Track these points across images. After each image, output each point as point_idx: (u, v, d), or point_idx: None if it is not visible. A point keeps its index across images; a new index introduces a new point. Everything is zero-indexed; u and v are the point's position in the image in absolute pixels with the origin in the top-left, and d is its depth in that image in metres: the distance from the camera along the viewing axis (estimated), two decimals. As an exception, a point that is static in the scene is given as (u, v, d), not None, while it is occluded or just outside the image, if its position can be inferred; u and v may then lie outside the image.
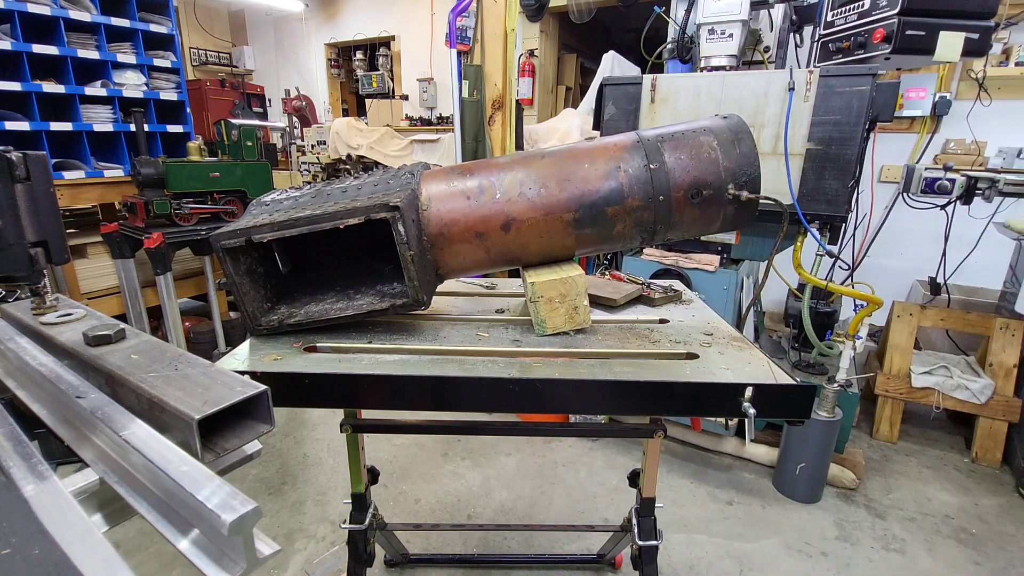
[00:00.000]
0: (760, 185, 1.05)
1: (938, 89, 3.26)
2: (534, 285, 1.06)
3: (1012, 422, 2.54)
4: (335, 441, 2.71)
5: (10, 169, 0.76)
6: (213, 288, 3.40)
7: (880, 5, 1.99)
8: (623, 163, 1.04)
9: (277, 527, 2.12)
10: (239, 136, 3.37)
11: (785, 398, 0.88)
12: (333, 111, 6.65)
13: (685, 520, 2.19)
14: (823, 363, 2.69)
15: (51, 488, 0.48)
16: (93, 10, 3.06)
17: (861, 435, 2.84)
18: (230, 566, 0.46)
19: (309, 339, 1.05)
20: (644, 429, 1.33)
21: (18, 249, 0.79)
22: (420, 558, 1.96)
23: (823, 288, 2.25)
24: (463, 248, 1.06)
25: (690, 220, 1.08)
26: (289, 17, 6.60)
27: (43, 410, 0.66)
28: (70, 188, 3.08)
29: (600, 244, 1.10)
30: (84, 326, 0.78)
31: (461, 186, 1.06)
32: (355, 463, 1.42)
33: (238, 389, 0.60)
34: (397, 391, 0.91)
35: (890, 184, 3.50)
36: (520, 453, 2.64)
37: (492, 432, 1.39)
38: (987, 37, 1.96)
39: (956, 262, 3.10)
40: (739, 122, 1.09)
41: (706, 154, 1.03)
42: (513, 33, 3.80)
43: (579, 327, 1.10)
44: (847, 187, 2.02)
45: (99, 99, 3.19)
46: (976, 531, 2.16)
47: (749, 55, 2.52)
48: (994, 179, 2.18)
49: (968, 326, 2.68)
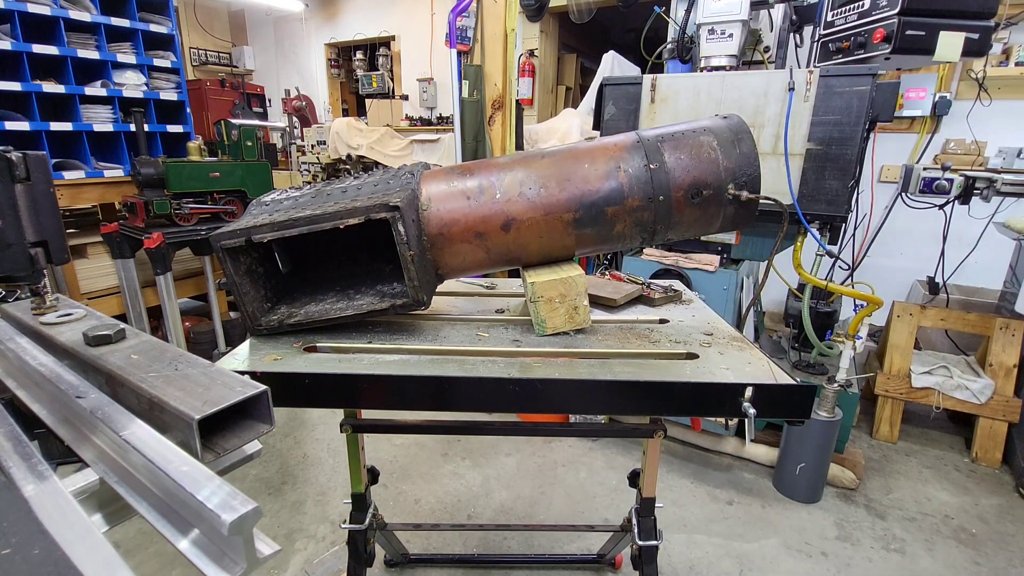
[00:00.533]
0: (760, 185, 1.05)
1: (938, 89, 3.26)
2: (534, 285, 1.06)
3: (1012, 422, 2.54)
4: (335, 441, 2.71)
5: (10, 169, 0.76)
6: (213, 288, 3.40)
7: (880, 5, 1.99)
8: (623, 163, 1.04)
9: (277, 527, 2.12)
10: (239, 136, 3.37)
11: (785, 398, 0.88)
12: (333, 111, 6.65)
13: (685, 520, 2.19)
14: (823, 363, 2.69)
15: (51, 488, 0.48)
16: (93, 10, 3.06)
17: (861, 435, 2.84)
18: (230, 566, 0.46)
19: (309, 339, 1.05)
20: (644, 429, 1.33)
21: (18, 249, 0.79)
22: (420, 558, 1.96)
23: (823, 288, 2.25)
24: (463, 248, 1.06)
25: (690, 220, 1.08)
26: (289, 17, 6.60)
27: (43, 410, 0.65)
28: (70, 188, 3.07)
29: (600, 244, 1.10)
30: (84, 326, 0.78)
31: (461, 186, 1.06)
32: (355, 463, 1.42)
33: (238, 389, 0.60)
34: (397, 391, 0.91)
35: (890, 184, 3.50)
36: (520, 453, 2.64)
37: (492, 432, 1.39)
38: (987, 37, 1.96)
39: (956, 262, 3.10)
40: (739, 122, 1.09)
41: (706, 154, 1.03)
42: (513, 33, 3.80)
43: (579, 327, 1.10)
44: (847, 187, 2.02)
45: (99, 99, 3.19)
46: (976, 531, 2.16)
47: (749, 55, 2.52)
48: (991, 179, 2.19)
49: (968, 326, 2.68)
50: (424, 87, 5.47)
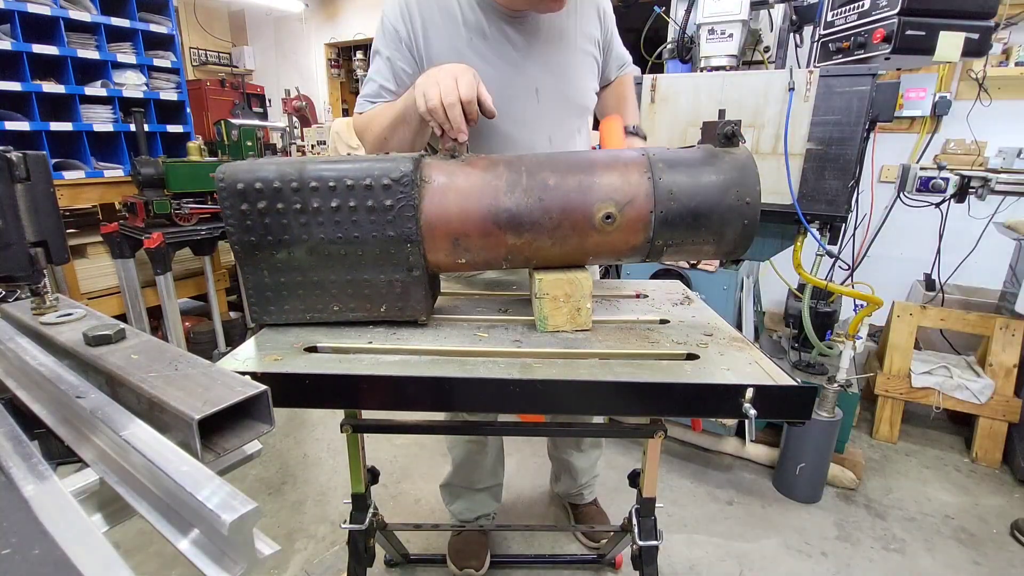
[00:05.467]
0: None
1: (938, 89, 3.26)
2: (540, 281, 1.07)
3: (1012, 422, 2.54)
4: (335, 441, 2.71)
5: (10, 169, 0.76)
6: (213, 288, 3.40)
7: (880, 5, 1.99)
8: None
9: (277, 527, 2.12)
10: (239, 136, 3.37)
11: (785, 399, 0.87)
12: (333, 111, 6.65)
13: (685, 520, 2.19)
14: (823, 363, 2.69)
15: (51, 488, 0.48)
16: (93, 10, 3.06)
17: (861, 435, 2.84)
18: (230, 566, 0.46)
19: (309, 339, 1.05)
20: (644, 429, 1.33)
21: (18, 249, 0.79)
22: (420, 558, 1.96)
23: (823, 288, 2.25)
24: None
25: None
26: (289, 17, 6.60)
27: (43, 410, 0.65)
28: (70, 188, 3.08)
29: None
30: (84, 326, 0.78)
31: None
32: (355, 463, 1.42)
33: (238, 389, 0.60)
34: (397, 392, 0.91)
35: (890, 184, 3.50)
36: (520, 453, 2.64)
37: (492, 432, 1.39)
38: (987, 37, 1.96)
39: (956, 262, 3.10)
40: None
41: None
42: (513, 33, 3.79)
43: (580, 328, 1.10)
44: (847, 187, 2.02)
45: (99, 99, 3.19)
46: (976, 531, 2.16)
47: (749, 55, 2.52)
48: (986, 178, 2.21)
49: (968, 326, 2.68)
50: (424, 87, 5.46)
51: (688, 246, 1.07)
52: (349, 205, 0.99)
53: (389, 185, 0.98)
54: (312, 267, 1.05)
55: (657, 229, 1.03)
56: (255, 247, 1.03)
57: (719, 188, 1.01)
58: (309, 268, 1.05)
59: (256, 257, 1.04)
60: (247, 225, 1.01)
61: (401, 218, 1.00)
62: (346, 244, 1.02)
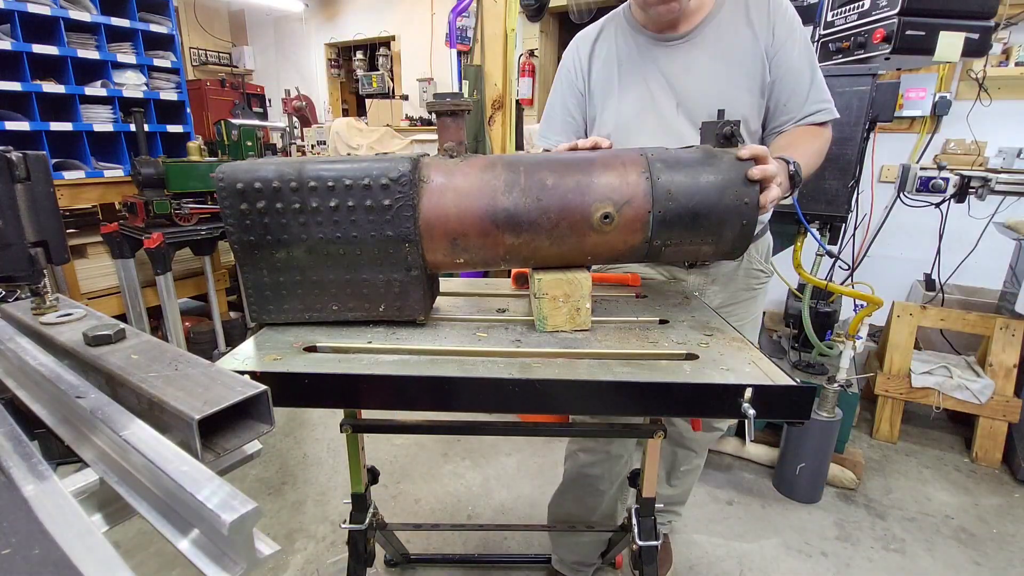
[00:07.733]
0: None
1: (938, 89, 3.26)
2: (540, 280, 1.07)
3: (1012, 422, 2.54)
4: (335, 441, 2.71)
5: (10, 169, 0.76)
6: (213, 288, 3.40)
7: (880, 5, 1.99)
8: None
9: (277, 527, 2.12)
10: (239, 136, 3.37)
11: (785, 399, 0.87)
12: (333, 111, 6.66)
13: (685, 520, 2.19)
14: (823, 363, 2.69)
15: (51, 488, 0.48)
16: (93, 10, 3.06)
17: (861, 435, 2.84)
18: (230, 566, 0.46)
19: (309, 339, 1.05)
20: (644, 429, 1.33)
21: (18, 249, 0.79)
22: (420, 558, 1.96)
23: (823, 288, 2.25)
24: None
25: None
26: (289, 17, 6.60)
27: (43, 410, 0.65)
28: (70, 188, 3.08)
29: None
30: (84, 326, 0.78)
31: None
32: (355, 463, 1.42)
33: (238, 389, 0.60)
34: (397, 391, 0.91)
35: (890, 184, 3.50)
36: (520, 453, 2.64)
37: (492, 432, 1.38)
38: (987, 37, 1.96)
39: (956, 262, 3.10)
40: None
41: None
42: (513, 33, 3.80)
43: (579, 328, 1.10)
44: (847, 187, 2.02)
45: (99, 99, 3.19)
46: (976, 531, 2.16)
47: (749, 55, 2.51)
48: (986, 178, 2.21)
49: (968, 326, 2.68)
50: (424, 87, 5.47)
51: (686, 246, 1.07)
52: (348, 205, 0.99)
53: (387, 185, 0.98)
54: (311, 267, 1.05)
55: (655, 229, 1.03)
56: (254, 247, 1.03)
57: (718, 188, 1.02)
58: (308, 268, 1.05)
59: (255, 257, 1.04)
60: (246, 225, 1.01)
61: (399, 218, 1.00)
62: (345, 244, 1.02)
